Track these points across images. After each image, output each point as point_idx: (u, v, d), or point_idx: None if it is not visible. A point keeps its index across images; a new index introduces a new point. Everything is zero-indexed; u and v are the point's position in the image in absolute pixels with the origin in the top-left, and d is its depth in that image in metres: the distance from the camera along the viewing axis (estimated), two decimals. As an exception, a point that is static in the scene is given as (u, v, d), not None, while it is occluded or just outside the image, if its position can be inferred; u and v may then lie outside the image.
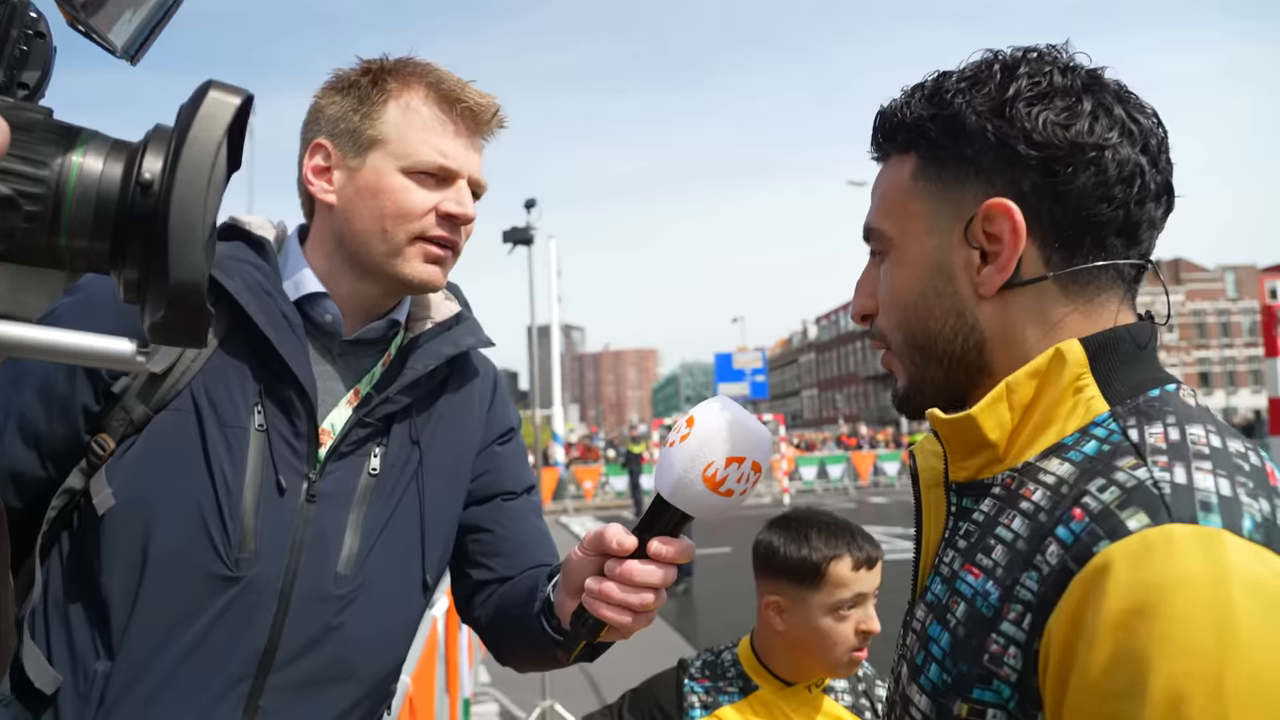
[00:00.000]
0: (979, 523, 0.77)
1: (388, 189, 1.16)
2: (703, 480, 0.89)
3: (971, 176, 0.79)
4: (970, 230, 0.79)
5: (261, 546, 1.09)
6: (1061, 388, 0.75)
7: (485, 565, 1.32)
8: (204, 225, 0.47)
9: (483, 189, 1.24)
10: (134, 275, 0.49)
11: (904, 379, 0.87)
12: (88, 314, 1.04)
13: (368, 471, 1.18)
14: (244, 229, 1.21)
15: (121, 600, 1.05)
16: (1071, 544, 0.65)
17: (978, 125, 0.77)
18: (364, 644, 1.16)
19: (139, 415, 1.08)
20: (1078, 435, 0.74)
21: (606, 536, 0.96)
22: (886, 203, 0.86)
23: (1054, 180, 0.75)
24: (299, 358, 1.13)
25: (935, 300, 0.81)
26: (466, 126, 1.20)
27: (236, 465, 1.09)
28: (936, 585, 0.79)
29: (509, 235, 8.75)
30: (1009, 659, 0.67)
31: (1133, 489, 0.65)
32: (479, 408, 1.34)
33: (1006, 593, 0.69)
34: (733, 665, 1.66)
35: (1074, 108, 0.76)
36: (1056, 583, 0.65)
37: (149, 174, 0.48)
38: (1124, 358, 0.77)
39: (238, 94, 0.50)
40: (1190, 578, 0.60)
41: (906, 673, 0.79)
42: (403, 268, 1.18)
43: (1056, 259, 0.77)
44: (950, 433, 0.81)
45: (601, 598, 0.95)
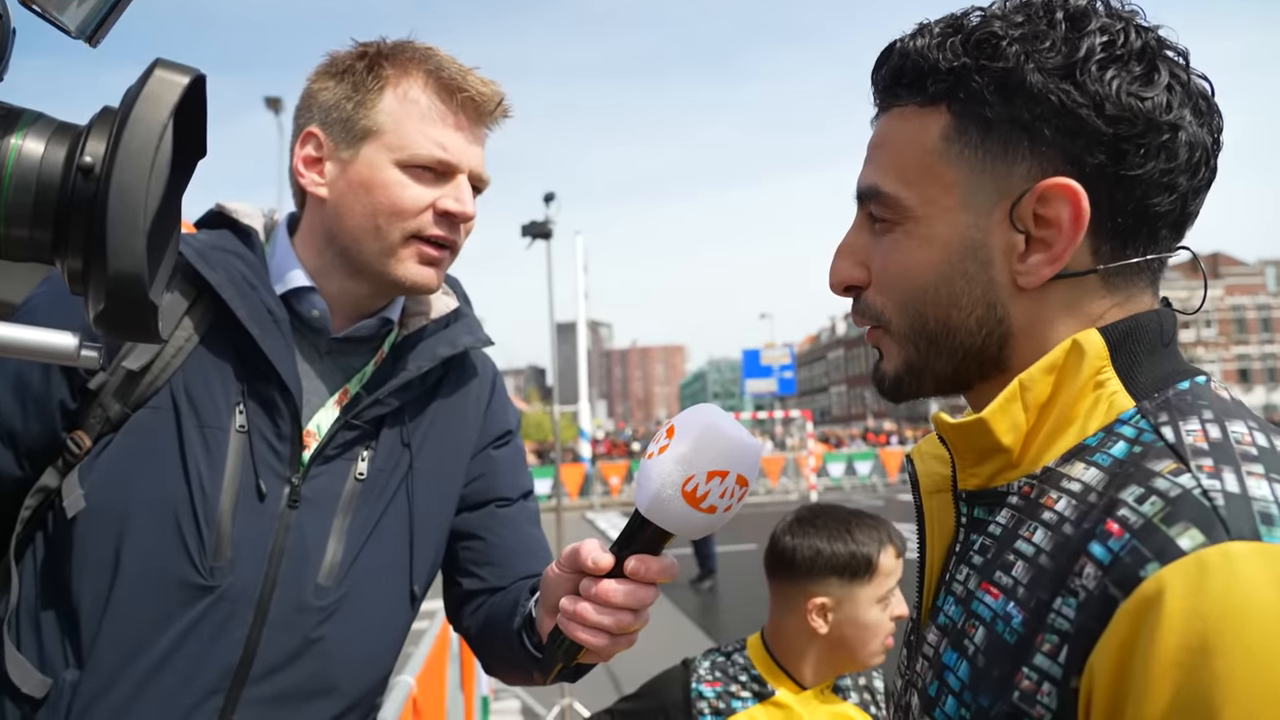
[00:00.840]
0: (995, 536, 0.69)
1: (382, 184, 1.09)
2: (682, 495, 0.81)
3: (1025, 146, 0.67)
4: (1017, 210, 0.67)
5: (238, 554, 1.04)
6: (1081, 383, 0.67)
7: (476, 574, 1.26)
8: (145, 211, 0.45)
9: (485, 183, 1.17)
10: (77, 265, 0.47)
11: (899, 365, 0.75)
12: (63, 305, 1.00)
13: (354, 476, 1.13)
14: (231, 217, 1.16)
15: (91, 607, 1.01)
16: (1110, 565, 0.56)
17: (1042, 86, 0.65)
18: (345, 658, 1.11)
19: (116, 413, 1.04)
20: (1101, 435, 0.65)
21: (582, 554, 0.90)
22: (904, 165, 0.72)
23: (1123, 162, 0.65)
24: (283, 355, 1.08)
25: (963, 287, 0.70)
26: (468, 118, 1.13)
27: (214, 467, 1.04)
28: (950, 606, 0.71)
29: (528, 229, 8.72)
30: (1042, 697, 0.59)
31: (1178, 499, 0.56)
32: (475, 409, 1.28)
33: (1035, 618, 0.60)
34: (745, 669, 1.58)
35: (1151, 76, 0.65)
36: (1099, 612, 0.56)
37: (90, 158, 0.46)
38: (1147, 348, 0.68)
39: (186, 73, 0.47)
40: (1259, 605, 0.52)
41: (918, 704, 0.71)
42: (396, 269, 1.11)
43: (1106, 250, 0.68)
44: (958, 439, 0.72)
45: (576, 619, 0.89)
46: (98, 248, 0.45)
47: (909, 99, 0.73)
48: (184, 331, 1.07)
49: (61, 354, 0.49)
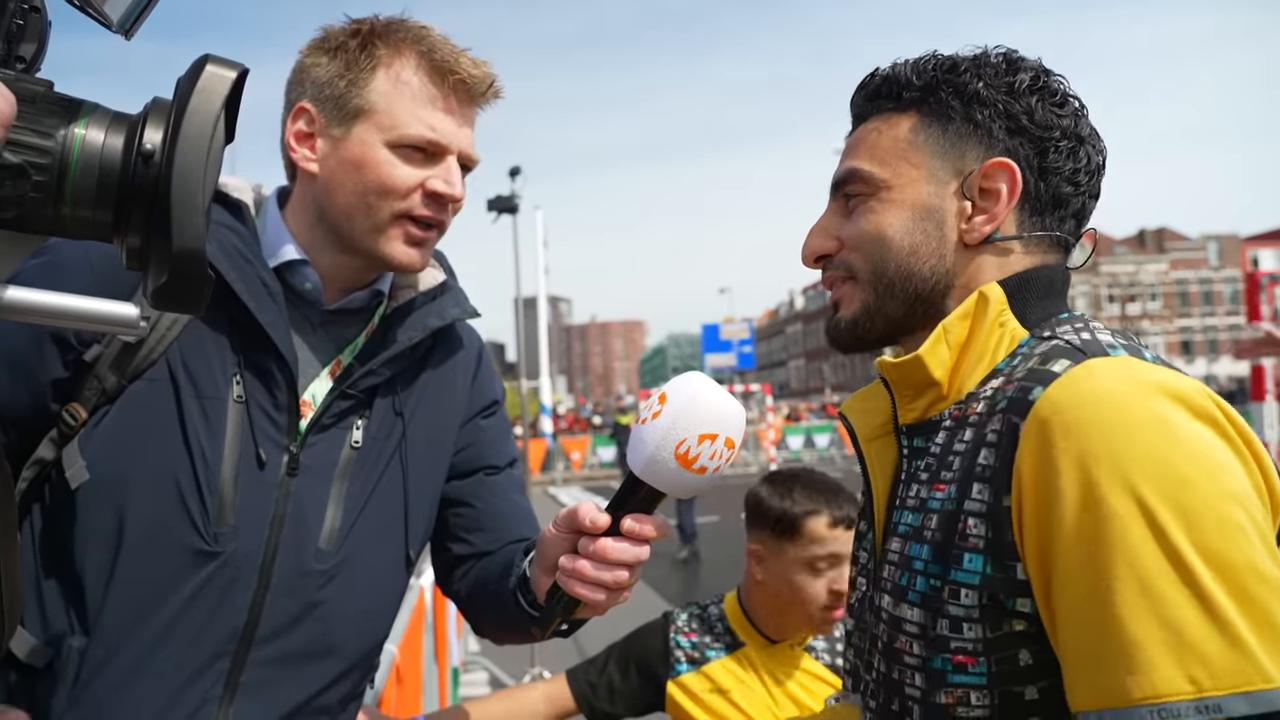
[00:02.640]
0: (936, 454, 0.86)
1: (372, 163, 1.11)
2: (675, 457, 0.88)
3: (975, 137, 0.89)
4: (968, 183, 0.89)
5: (241, 521, 1.07)
6: (989, 323, 0.86)
7: (466, 540, 1.31)
8: (204, 194, 0.49)
9: (474, 163, 1.20)
10: (136, 243, 0.51)
11: (856, 308, 0.93)
12: (56, 278, 1.02)
13: (350, 444, 1.16)
14: (221, 191, 1.16)
15: (97, 576, 1.03)
16: (1009, 406, 0.77)
17: (991, 96, 0.89)
18: (346, 619, 1.15)
19: (112, 385, 1.05)
20: (1008, 360, 0.85)
21: (579, 514, 0.95)
22: (879, 151, 0.92)
23: (1044, 158, 0.88)
24: (279, 327, 1.11)
25: (922, 240, 0.89)
26: (459, 100, 1.14)
27: (214, 437, 1.07)
28: (907, 517, 0.86)
29: (493, 204, 8.64)
30: (974, 529, 0.77)
31: (1050, 349, 0.80)
32: (463, 380, 1.32)
33: (966, 478, 0.79)
34: (720, 620, 1.69)
35: (1065, 104, 0.90)
36: (1009, 440, 0.76)
37: (150, 145, 0.50)
38: (1038, 294, 0.88)
39: (234, 68, 0.52)
40: (1114, 386, 0.73)
41: (890, 600, 0.85)
42: (384, 246, 1.14)
43: (1029, 223, 0.90)
44: (898, 375, 0.90)
45: (575, 575, 0.94)
46: (160, 227, 0.49)
47: (885, 107, 0.94)
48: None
49: (125, 322, 0.53)
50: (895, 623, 0.83)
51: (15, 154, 0.48)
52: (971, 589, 0.76)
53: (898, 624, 0.83)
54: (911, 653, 0.81)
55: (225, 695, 1.06)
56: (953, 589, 0.77)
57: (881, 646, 0.86)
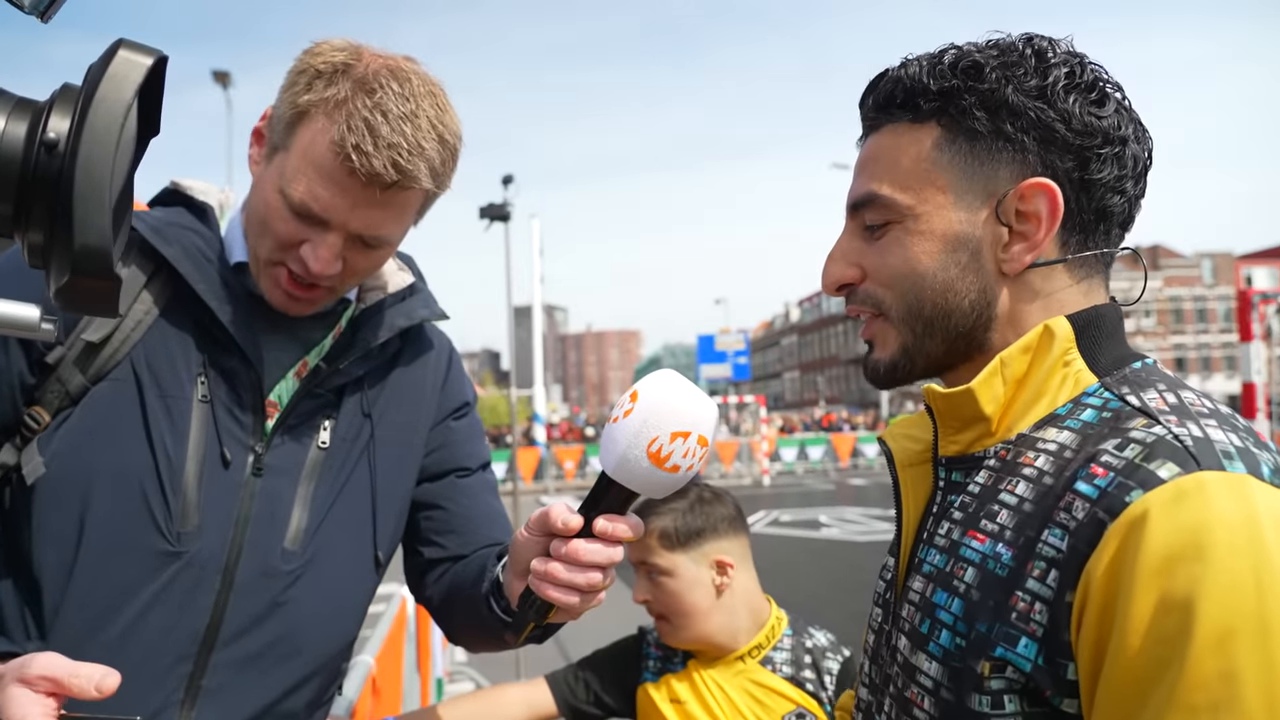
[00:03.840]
0: (975, 494, 0.79)
1: (266, 200, 1.07)
2: (648, 456, 0.86)
3: (1007, 154, 0.79)
4: (1002, 207, 0.79)
5: (205, 521, 1.05)
6: (1051, 361, 0.78)
7: (437, 543, 1.29)
8: (111, 189, 0.46)
9: (383, 242, 1.10)
10: (38, 239, 0.48)
11: (894, 348, 0.85)
12: (15, 275, 1.00)
13: (317, 445, 1.15)
14: (186, 194, 1.16)
15: (54, 577, 1.01)
16: (1099, 498, 0.67)
17: (1022, 104, 0.78)
18: (311, 621, 1.13)
19: (75, 386, 1.04)
20: (1070, 405, 0.77)
21: (551, 516, 0.93)
22: (900, 172, 0.83)
23: (1086, 168, 0.78)
24: (242, 327, 1.09)
25: (957, 274, 0.81)
26: (360, 184, 1.03)
27: (178, 437, 1.05)
28: (934, 556, 0.80)
29: (485, 211, 8.63)
30: (1035, 615, 0.69)
31: (1154, 444, 0.68)
32: (433, 382, 1.31)
33: (1024, 551, 0.71)
34: None
35: (1102, 101, 0.79)
36: (1089, 535, 0.67)
37: (54, 134, 0.46)
38: (1106, 334, 0.81)
39: (149, 54, 0.48)
40: (1227, 519, 0.63)
41: (907, 644, 0.80)
42: (262, 280, 1.12)
43: (1073, 243, 0.80)
44: (946, 406, 0.83)
45: (547, 579, 0.92)
46: (62, 223, 0.46)
47: (901, 117, 0.84)
48: (143, 305, 1.07)
49: (23, 325, 0.50)
50: (910, 670, 0.78)
51: None
52: (1020, 674, 0.69)
53: (912, 672, 0.78)
54: (922, 706, 0.76)
55: (186, 699, 1.04)
56: (996, 664, 0.70)
57: (893, 691, 0.81)
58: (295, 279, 1.10)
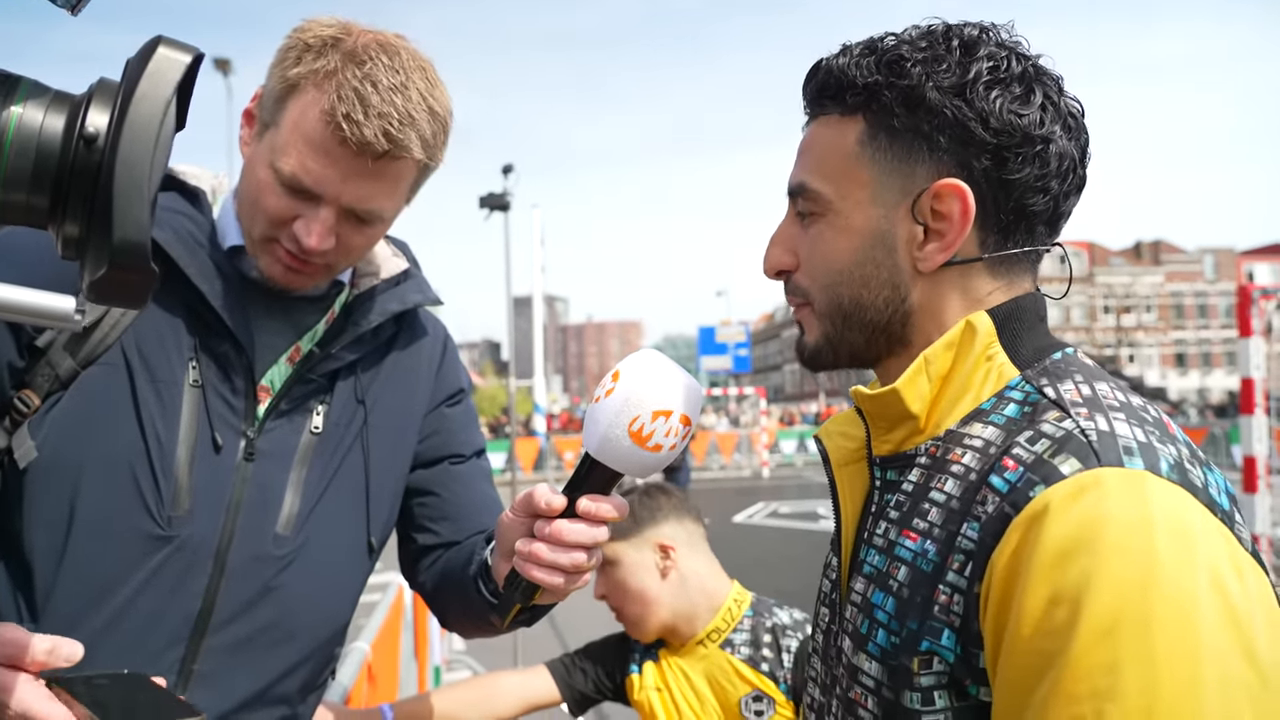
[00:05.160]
0: (909, 492, 0.80)
1: (258, 178, 1.08)
2: (629, 435, 0.86)
3: (924, 151, 0.79)
4: (918, 206, 0.80)
5: (196, 505, 1.05)
6: (974, 357, 0.79)
7: (431, 530, 1.29)
8: (150, 183, 0.46)
9: (376, 218, 1.10)
10: (74, 232, 0.48)
11: (818, 336, 0.87)
12: (4, 264, 1.00)
13: (310, 430, 1.15)
14: (178, 179, 1.15)
15: (45, 561, 1.01)
16: (1007, 491, 0.69)
17: (939, 101, 0.77)
18: (304, 606, 1.13)
19: (66, 370, 1.03)
20: (994, 400, 0.78)
21: (535, 497, 0.93)
22: (826, 165, 0.84)
23: (1003, 168, 0.77)
24: (234, 311, 1.09)
25: (873, 271, 0.82)
26: (352, 154, 1.03)
27: (169, 421, 1.05)
28: (873, 557, 0.81)
29: (485, 201, 8.61)
30: (954, 606, 0.70)
31: (1062, 438, 0.69)
32: (427, 368, 1.31)
33: (946, 546, 0.72)
34: None
35: (1028, 97, 0.78)
36: (996, 528, 0.68)
37: (93, 128, 0.47)
38: (1026, 326, 0.81)
39: (188, 52, 0.49)
40: (1120, 515, 0.64)
41: (850, 645, 0.80)
42: (260, 258, 1.12)
43: (991, 242, 0.80)
44: (874, 407, 0.83)
45: (531, 559, 0.92)
46: (101, 216, 0.46)
47: (832, 109, 0.85)
48: None
49: (59, 315, 0.51)
50: (853, 670, 0.79)
51: None
52: (945, 665, 0.71)
53: (855, 672, 0.79)
54: (866, 706, 0.77)
55: (179, 684, 1.04)
56: (924, 659, 0.72)
57: (839, 692, 0.82)
58: (292, 254, 1.10)
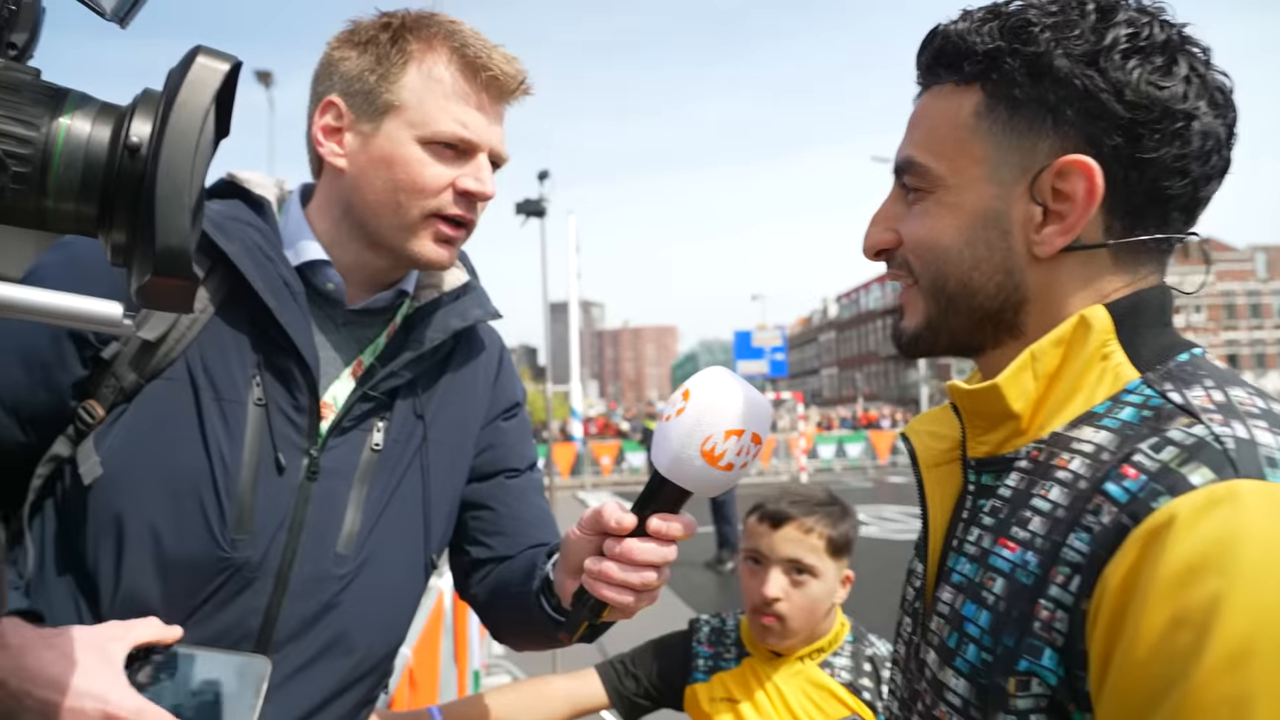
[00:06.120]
0: (1007, 498, 0.74)
1: (403, 160, 1.09)
2: (701, 455, 0.85)
3: (1048, 125, 0.72)
4: (1037, 184, 0.73)
5: (259, 526, 1.05)
6: (1088, 355, 0.72)
7: (485, 543, 1.29)
8: (191, 190, 0.48)
9: (504, 160, 1.17)
10: (121, 239, 0.50)
11: (919, 319, 0.81)
12: (72, 273, 1.01)
13: (370, 447, 1.14)
14: (243, 187, 1.15)
15: (107, 576, 1.01)
16: (1126, 501, 0.62)
17: (1068, 70, 0.70)
18: (363, 624, 1.13)
19: (130, 383, 1.04)
20: (1109, 403, 0.71)
21: (604, 515, 0.93)
22: (937, 139, 0.78)
23: (1138, 145, 0.70)
24: (300, 328, 1.09)
25: (985, 254, 0.76)
26: (490, 96, 1.12)
27: (234, 441, 1.05)
28: (963, 565, 0.75)
29: (521, 207, 8.68)
30: (1056, 623, 0.64)
31: (1193, 445, 0.62)
32: (484, 382, 1.31)
33: (1050, 557, 0.66)
34: (734, 631, 1.70)
35: (1170, 68, 0.70)
36: (1110, 540, 0.62)
37: (136, 137, 0.48)
38: (1149, 323, 0.74)
39: (226, 60, 0.50)
40: (1259, 534, 0.57)
41: (935, 659, 0.75)
42: (412, 245, 1.12)
43: (1118, 227, 0.73)
44: (971, 404, 0.77)
45: (601, 578, 0.92)
46: (145, 224, 0.47)
47: (947, 78, 0.78)
48: (199, 302, 1.07)
49: (107, 321, 0.51)
50: (938, 687, 0.74)
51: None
52: (1046, 688, 0.64)
53: (940, 689, 0.73)
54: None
55: None
56: (1021, 680, 0.65)
57: (921, 709, 0.77)
58: (453, 221, 1.13)
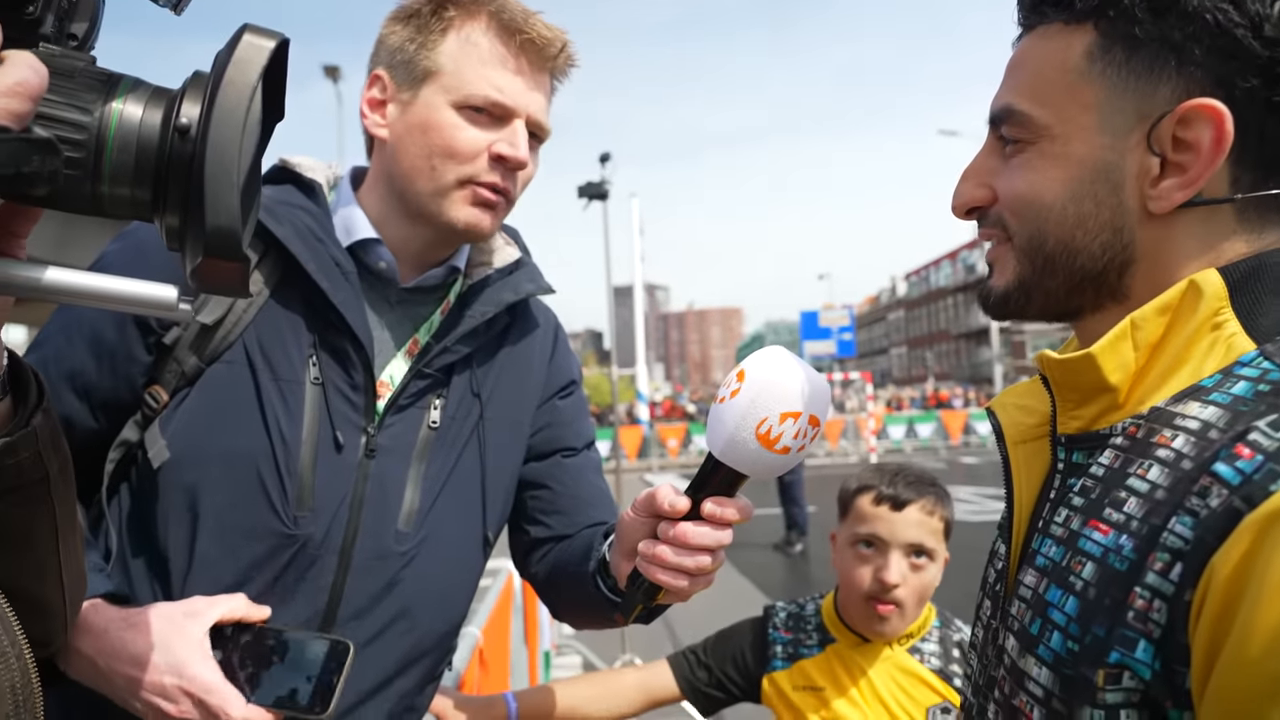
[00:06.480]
0: (1100, 477, 0.68)
1: (437, 125, 1.10)
2: (756, 438, 0.82)
3: (1171, 67, 0.65)
4: (1156, 132, 0.66)
5: (320, 504, 1.07)
6: (1197, 324, 0.65)
7: (543, 522, 1.29)
8: (239, 169, 0.47)
9: (545, 132, 1.17)
10: (174, 222, 0.50)
11: (1010, 278, 0.74)
12: (138, 259, 1.04)
13: (428, 424, 1.15)
14: (294, 171, 1.17)
15: (178, 557, 1.05)
16: (1240, 484, 0.56)
17: (1198, 4, 0.63)
18: (425, 600, 1.14)
19: (191, 367, 1.07)
20: (1219, 377, 0.64)
21: (658, 498, 0.91)
22: (1042, 84, 0.70)
23: (1276, 88, 0.62)
24: (353, 307, 1.10)
25: (1091, 209, 0.69)
26: (529, 61, 1.12)
27: (293, 420, 1.07)
28: (1049, 548, 0.70)
29: (584, 190, 8.69)
30: (1154, 614, 0.58)
31: None
32: (540, 359, 1.30)
33: (1148, 542, 0.60)
34: (814, 617, 1.66)
35: None
36: (1220, 525, 0.55)
37: (186, 119, 0.48)
38: (1270, 289, 0.65)
39: (273, 38, 0.49)
40: None
41: (1015, 645, 0.70)
42: (448, 210, 1.12)
43: (1247, 180, 0.66)
44: (1062, 376, 0.71)
45: (655, 561, 0.91)
46: (195, 205, 0.47)
47: (1055, 17, 0.71)
48: (254, 285, 1.09)
49: (162, 305, 0.51)
50: (1018, 675, 0.69)
51: (46, 128, 0.46)
52: (1139, 682, 0.59)
53: (1020, 678, 0.68)
54: (1030, 717, 0.67)
55: None
56: (1111, 673, 0.60)
57: (999, 697, 0.72)
58: (488, 188, 1.12)
